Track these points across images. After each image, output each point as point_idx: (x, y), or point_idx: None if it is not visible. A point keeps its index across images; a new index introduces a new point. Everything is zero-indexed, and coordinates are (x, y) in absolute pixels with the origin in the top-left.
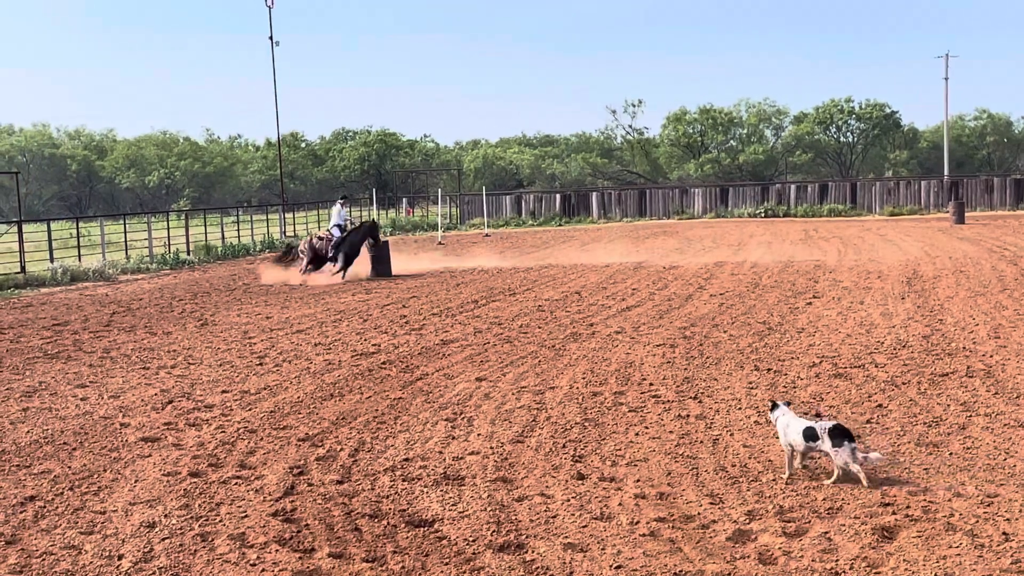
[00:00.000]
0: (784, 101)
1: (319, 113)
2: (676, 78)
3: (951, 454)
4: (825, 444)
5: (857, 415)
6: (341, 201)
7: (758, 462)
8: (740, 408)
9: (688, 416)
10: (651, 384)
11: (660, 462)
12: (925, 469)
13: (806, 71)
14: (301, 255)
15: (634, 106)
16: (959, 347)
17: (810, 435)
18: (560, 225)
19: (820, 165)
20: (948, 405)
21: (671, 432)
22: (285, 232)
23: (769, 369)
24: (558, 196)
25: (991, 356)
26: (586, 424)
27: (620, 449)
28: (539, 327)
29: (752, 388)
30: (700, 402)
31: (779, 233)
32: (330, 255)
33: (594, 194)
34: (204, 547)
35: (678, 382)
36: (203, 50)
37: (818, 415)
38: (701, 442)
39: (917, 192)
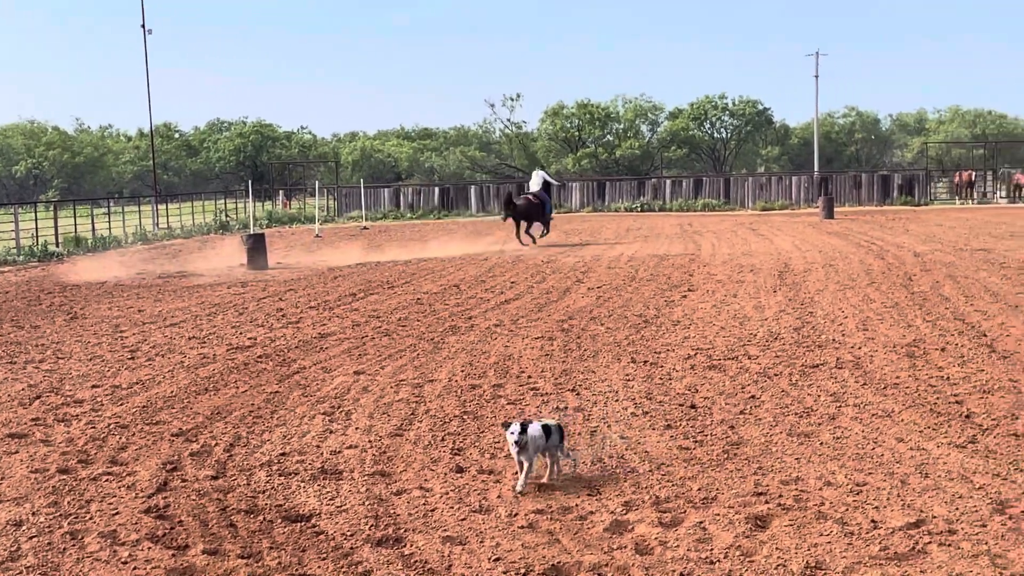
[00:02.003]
0: (660, 97)
1: (194, 103)
2: (554, 73)
3: (822, 444)
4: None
5: (731, 406)
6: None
7: (635, 453)
8: (617, 400)
9: (566, 408)
10: (529, 377)
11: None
12: (797, 459)
13: (681, 68)
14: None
15: (512, 100)
16: (829, 339)
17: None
18: (439, 218)
19: (695, 160)
20: (819, 396)
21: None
22: (158, 224)
23: (645, 361)
24: (437, 189)
25: (859, 348)
26: (465, 417)
27: (499, 442)
28: (418, 320)
29: (629, 380)
30: (578, 394)
31: (655, 227)
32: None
33: (472, 187)
34: (74, 545)
35: (556, 375)
36: (73, 37)
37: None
38: (579, 434)
39: (788, 188)
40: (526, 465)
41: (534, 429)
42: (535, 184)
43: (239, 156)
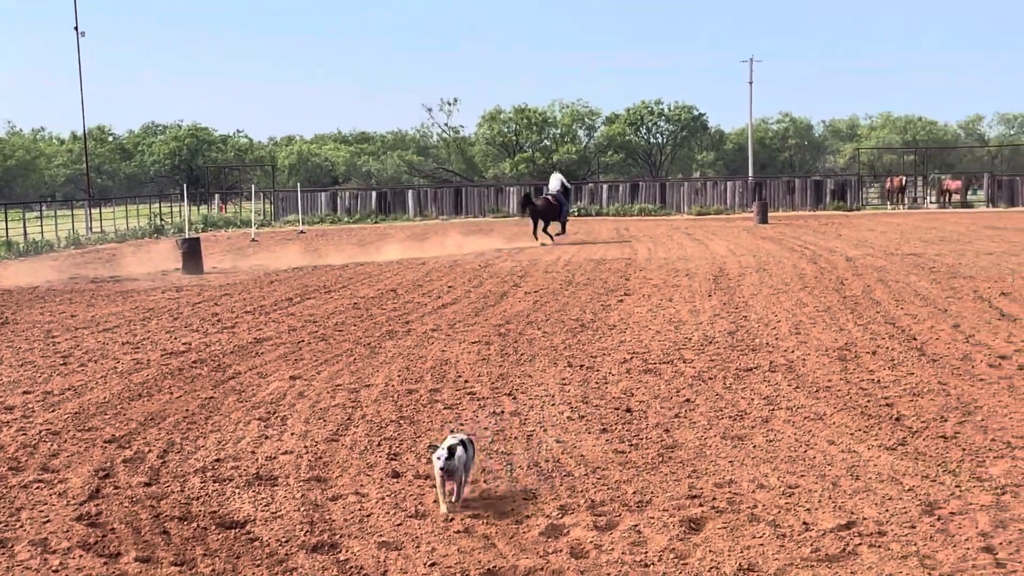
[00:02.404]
0: (597, 102)
1: (128, 106)
2: (491, 78)
3: (755, 446)
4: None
5: (666, 409)
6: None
7: (571, 457)
8: (553, 404)
9: (503, 413)
10: (466, 381)
11: (476, 458)
12: (730, 462)
13: (618, 74)
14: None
15: (449, 104)
16: (762, 343)
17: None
18: (376, 222)
19: (631, 165)
20: (752, 399)
21: (486, 429)
22: (91, 228)
23: (582, 366)
24: (374, 193)
25: (792, 351)
26: (401, 422)
27: (439, 436)
28: (355, 325)
29: (565, 384)
30: (514, 399)
31: (592, 231)
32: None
33: (410, 192)
34: (3, 554)
35: (493, 379)
36: (4, 40)
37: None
38: (515, 438)
39: (723, 193)
40: (456, 489)
41: (460, 451)
42: (553, 186)
43: (174, 159)
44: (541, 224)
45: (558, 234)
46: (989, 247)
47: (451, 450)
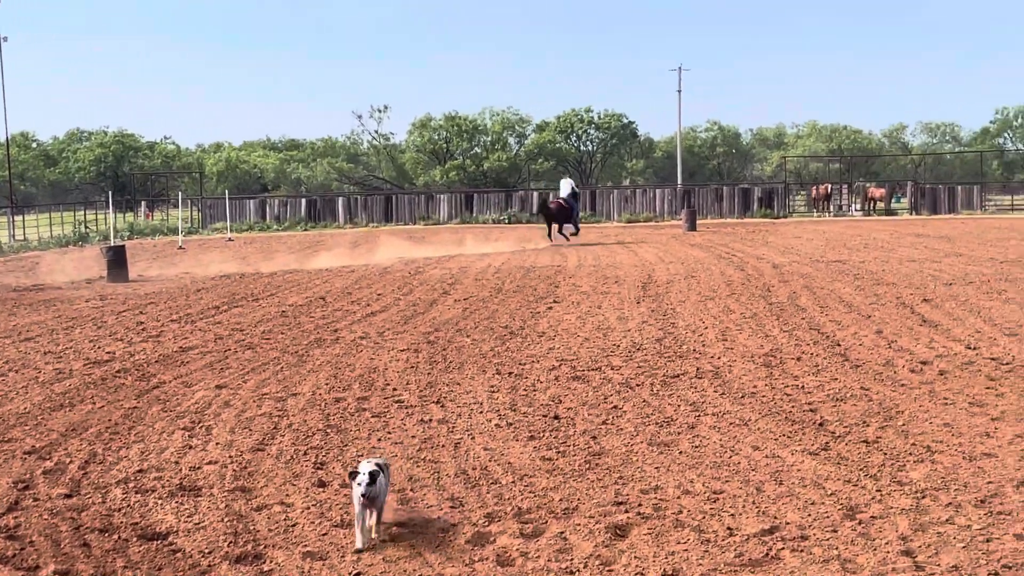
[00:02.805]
0: (527, 110)
1: (52, 113)
2: (422, 86)
3: (681, 453)
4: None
5: (594, 416)
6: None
7: (498, 465)
8: (482, 412)
9: (431, 421)
10: (395, 389)
11: (402, 467)
12: (656, 468)
13: (548, 82)
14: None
15: (380, 112)
16: (690, 349)
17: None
18: (306, 230)
19: (562, 173)
20: (679, 405)
21: (413, 437)
22: (14, 236)
23: (510, 373)
24: (304, 201)
25: (719, 358)
26: (328, 431)
27: (362, 455)
28: (282, 333)
29: (494, 392)
30: (443, 406)
31: (522, 238)
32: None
33: (340, 199)
34: None
35: (421, 387)
36: None
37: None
38: (443, 446)
39: (652, 200)
40: (373, 516)
41: (381, 477)
42: (564, 191)
43: (100, 166)
44: (555, 227)
45: (572, 234)
46: (912, 254)
47: (372, 475)
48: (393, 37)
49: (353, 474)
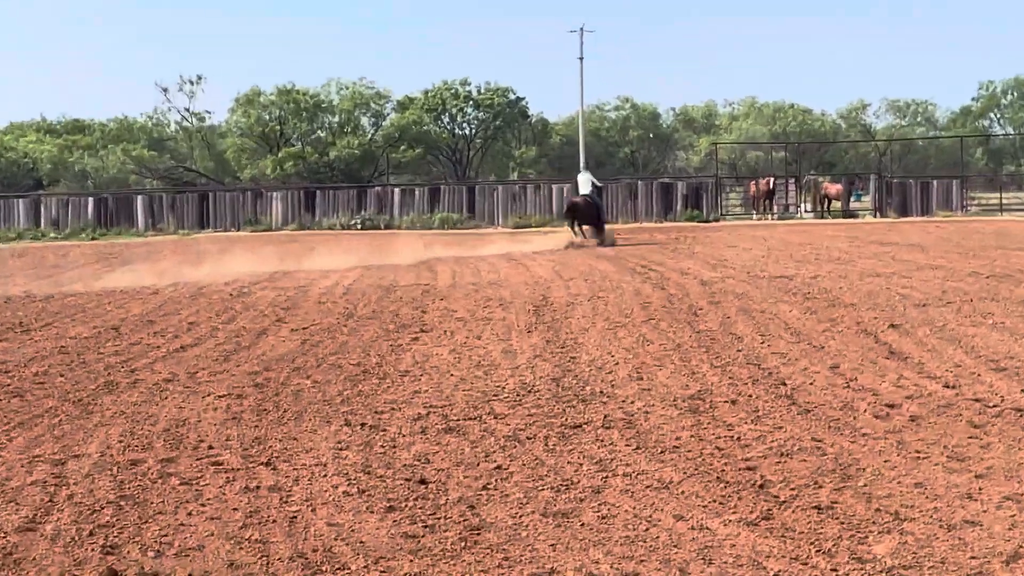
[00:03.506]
0: (385, 83)
1: None
2: (248, 50)
3: (583, 525)
4: None
5: (472, 480)
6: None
7: (347, 545)
8: (325, 475)
9: (259, 488)
10: (211, 447)
11: (221, 549)
12: (552, 545)
13: (412, 47)
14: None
15: (192, 84)
16: (595, 391)
17: None
18: (95, 239)
19: (431, 164)
20: (581, 464)
21: (236, 510)
22: None
23: (364, 424)
24: (91, 200)
25: (632, 402)
26: (122, 503)
27: (168, 534)
28: (61, 375)
29: (342, 449)
30: (275, 469)
31: (380, 247)
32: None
33: (140, 198)
34: None
35: (246, 444)
36: None
37: None
38: (275, 521)
39: (548, 199)
40: None
41: None
42: (584, 188)
43: None
44: (586, 228)
45: (602, 242)
46: (876, 267)
47: None
48: None
49: None
